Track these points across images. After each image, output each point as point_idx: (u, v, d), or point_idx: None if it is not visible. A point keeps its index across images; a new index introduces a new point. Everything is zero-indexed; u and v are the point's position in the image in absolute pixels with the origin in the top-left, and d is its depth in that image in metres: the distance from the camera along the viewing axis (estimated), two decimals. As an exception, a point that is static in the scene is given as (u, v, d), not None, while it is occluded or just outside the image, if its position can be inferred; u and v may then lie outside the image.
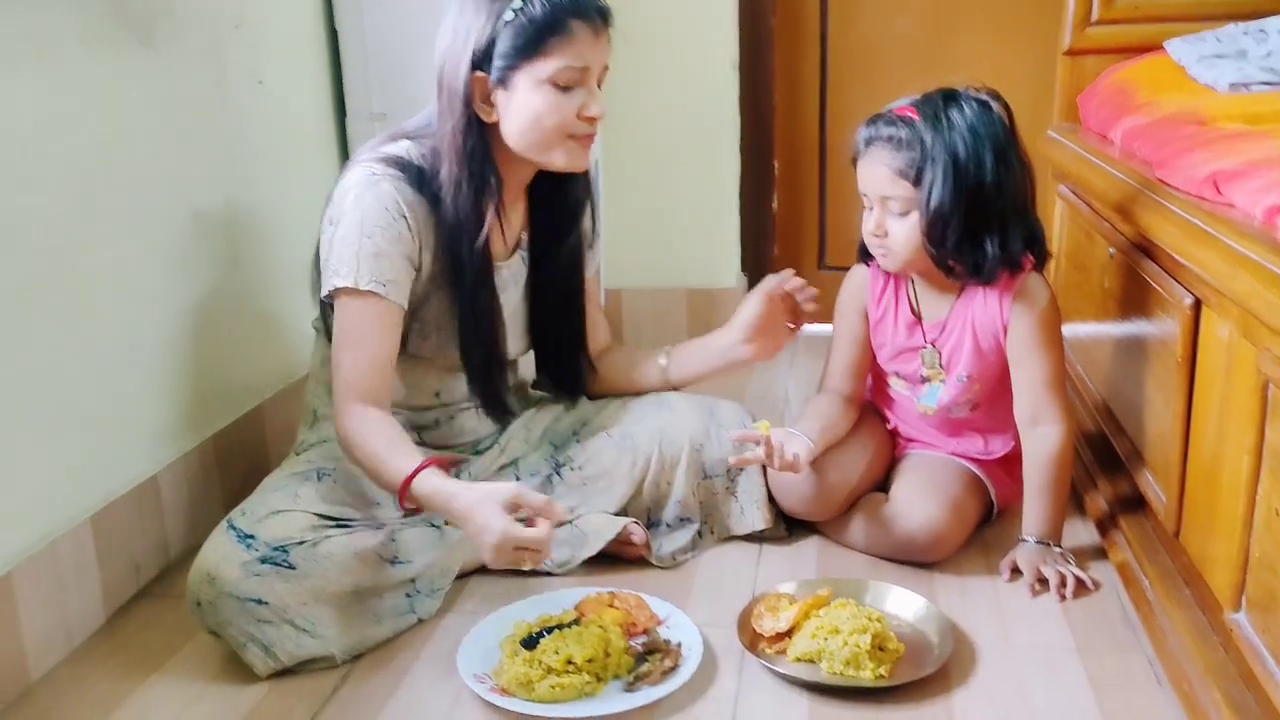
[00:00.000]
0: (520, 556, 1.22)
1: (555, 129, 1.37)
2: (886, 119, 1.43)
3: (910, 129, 1.39)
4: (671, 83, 2.40)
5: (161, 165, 1.53)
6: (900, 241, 1.43)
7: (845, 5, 2.48)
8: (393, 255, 1.36)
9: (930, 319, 1.52)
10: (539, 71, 1.34)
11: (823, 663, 1.24)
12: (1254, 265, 1.05)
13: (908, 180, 1.39)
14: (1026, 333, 1.44)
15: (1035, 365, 1.44)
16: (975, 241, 1.40)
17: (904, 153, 1.39)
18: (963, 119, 1.38)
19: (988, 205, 1.39)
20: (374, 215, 1.35)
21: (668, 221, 2.48)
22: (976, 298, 1.47)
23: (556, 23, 1.33)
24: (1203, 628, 1.18)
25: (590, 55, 1.36)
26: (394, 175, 1.37)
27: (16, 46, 1.27)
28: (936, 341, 1.51)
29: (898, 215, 1.42)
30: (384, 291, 1.35)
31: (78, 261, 1.38)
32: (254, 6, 1.75)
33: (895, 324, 1.54)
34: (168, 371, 1.56)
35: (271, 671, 1.27)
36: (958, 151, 1.37)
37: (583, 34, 1.35)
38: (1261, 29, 1.88)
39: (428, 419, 1.53)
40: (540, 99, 1.35)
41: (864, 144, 1.44)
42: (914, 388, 1.56)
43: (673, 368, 1.62)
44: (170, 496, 1.55)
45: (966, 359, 1.49)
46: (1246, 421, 1.08)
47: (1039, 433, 1.45)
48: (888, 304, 1.55)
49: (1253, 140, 1.38)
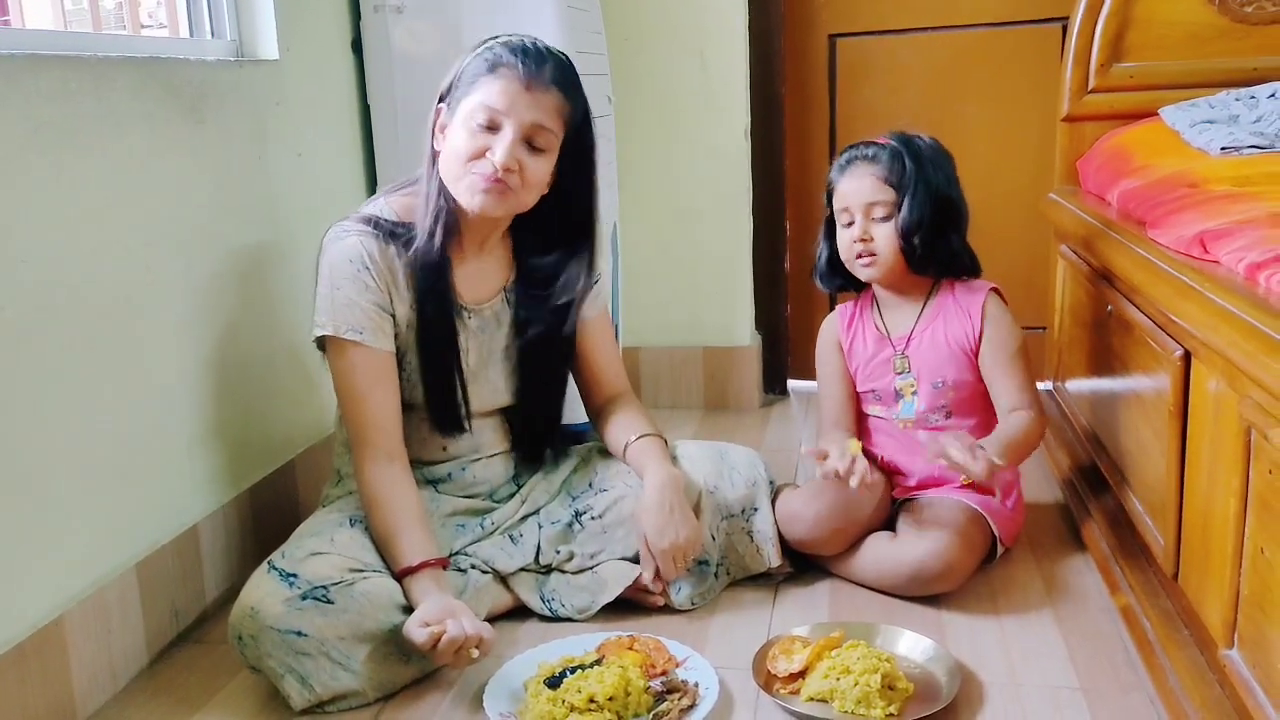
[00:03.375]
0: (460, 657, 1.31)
1: (463, 161, 1.43)
2: (862, 144, 1.65)
3: (885, 148, 1.62)
4: (687, 150, 2.50)
5: (210, 232, 1.63)
6: (884, 246, 1.62)
7: (852, 75, 2.58)
8: (362, 304, 1.45)
9: (896, 333, 1.69)
10: (467, 106, 1.43)
11: (835, 701, 1.28)
12: (1235, 319, 1.12)
13: (891, 185, 1.60)
14: (999, 341, 1.62)
15: (1011, 372, 1.62)
16: (943, 240, 1.61)
17: (884, 163, 1.61)
18: (923, 147, 1.62)
19: (952, 211, 1.62)
20: (340, 267, 1.46)
21: (684, 282, 2.57)
22: (945, 308, 1.65)
23: (493, 65, 1.43)
24: (1200, 666, 1.23)
25: (513, 104, 1.41)
26: (360, 230, 1.47)
27: (88, 128, 1.38)
28: (905, 350, 1.67)
29: (880, 220, 1.61)
30: (362, 339, 1.45)
31: (134, 324, 1.47)
32: (293, 86, 1.87)
33: (865, 342, 1.71)
34: (209, 427, 1.64)
35: (307, 704, 1.33)
36: (928, 163, 1.59)
37: (511, 82, 1.41)
38: (1252, 96, 1.96)
39: (440, 473, 1.60)
40: (462, 131, 1.43)
41: (844, 164, 1.65)
42: (890, 407, 1.69)
43: (629, 453, 1.61)
44: (209, 546, 1.62)
45: (938, 364, 1.64)
46: (1233, 466, 1.14)
47: (1024, 413, 1.59)
48: (856, 328, 1.73)
49: (1241, 201, 1.45)
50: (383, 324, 1.47)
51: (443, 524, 1.55)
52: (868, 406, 1.72)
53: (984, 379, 1.64)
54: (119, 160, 1.44)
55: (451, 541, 1.54)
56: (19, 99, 1.27)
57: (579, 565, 1.58)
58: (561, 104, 1.45)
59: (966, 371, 1.64)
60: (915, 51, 2.54)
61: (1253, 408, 1.08)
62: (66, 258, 1.35)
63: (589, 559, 1.58)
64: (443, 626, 1.29)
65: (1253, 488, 1.10)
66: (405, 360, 1.52)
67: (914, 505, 1.64)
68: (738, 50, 2.45)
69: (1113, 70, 2.17)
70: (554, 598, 1.55)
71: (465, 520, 1.58)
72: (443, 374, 1.53)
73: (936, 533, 1.53)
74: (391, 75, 2.04)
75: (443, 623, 1.29)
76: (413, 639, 1.30)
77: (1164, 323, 1.39)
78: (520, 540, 1.58)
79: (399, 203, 1.53)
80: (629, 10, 2.44)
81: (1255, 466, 1.09)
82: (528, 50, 1.44)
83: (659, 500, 1.51)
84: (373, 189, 2.13)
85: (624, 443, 1.61)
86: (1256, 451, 1.09)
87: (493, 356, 1.58)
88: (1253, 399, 1.08)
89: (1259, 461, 1.08)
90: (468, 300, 1.55)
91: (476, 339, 1.56)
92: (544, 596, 1.56)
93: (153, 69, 1.51)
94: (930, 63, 2.53)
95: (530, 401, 1.63)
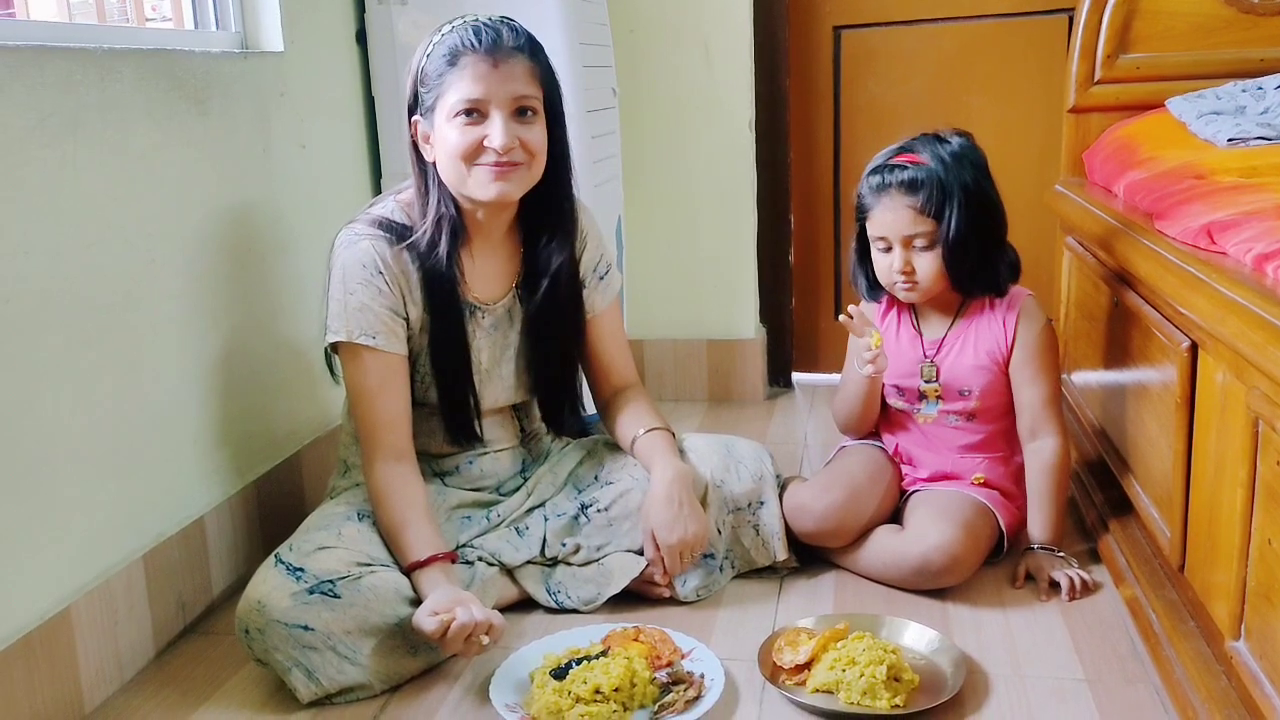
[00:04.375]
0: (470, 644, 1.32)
1: (464, 159, 1.42)
2: (894, 166, 1.56)
3: (921, 170, 1.53)
4: (692, 144, 2.50)
5: (214, 224, 1.63)
6: (927, 275, 1.57)
7: (857, 68, 2.57)
8: (375, 308, 1.45)
9: (929, 335, 1.66)
10: (445, 106, 1.42)
11: (840, 693, 1.28)
12: (1242, 309, 1.11)
13: (929, 216, 1.54)
14: (1031, 353, 1.58)
15: (1037, 384, 1.58)
16: (987, 259, 1.56)
17: (921, 192, 1.53)
18: (958, 154, 1.55)
19: (994, 225, 1.57)
20: (353, 272, 1.45)
21: (689, 275, 2.56)
22: (980, 317, 1.61)
23: (452, 57, 1.41)
24: (1206, 657, 1.23)
25: (487, 87, 1.40)
26: (372, 234, 1.46)
27: (92, 120, 1.38)
28: (935, 357, 1.64)
29: (921, 250, 1.56)
30: (376, 343, 1.44)
31: (137, 316, 1.47)
32: (297, 78, 1.86)
33: (898, 338, 1.68)
34: (214, 419, 1.64)
35: (314, 697, 1.34)
36: (967, 182, 1.53)
37: (477, 67, 1.40)
38: (1259, 86, 1.95)
39: (448, 465, 1.60)
40: (450, 132, 1.42)
41: (876, 191, 1.57)
42: (913, 404, 1.68)
43: (637, 447, 1.61)
44: (215, 538, 1.63)
45: (965, 373, 1.61)
46: (1240, 457, 1.13)
47: (1038, 445, 1.58)
48: (891, 321, 1.70)
49: (1248, 192, 1.45)
50: (396, 328, 1.47)
51: (449, 517, 1.55)
52: (890, 399, 1.70)
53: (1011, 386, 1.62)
54: (123, 152, 1.44)
55: (458, 534, 1.54)
56: (23, 90, 1.27)
57: (585, 558, 1.58)
58: (531, 66, 1.44)
59: (995, 381, 1.62)
60: (920, 43, 2.53)
61: (1260, 399, 1.08)
62: (71, 250, 1.35)
63: (595, 551, 1.58)
64: (452, 614, 1.29)
65: (1260, 479, 1.09)
66: (418, 362, 1.52)
67: (921, 498, 1.64)
68: (742, 42, 2.44)
69: (1119, 61, 2.16)
70: (560, 590, 1.56)
71: (471, 513, 1.58)
72: (455, 378, 1.53)
73: (943, 526, 1.53)
74: (395, 67, 2.04)
75: (452, 611, 1.30)
76: (422, 628, 1.30)
77: (1171, 314, 1.38)
78: (526, 533, 1.58)
79: (408, 202, 1.52)
80: (633, 2, 2.44)
81: (1263, 458, 1.09)
82: (478, 29, 1.42)
83: (668, 495, 1.51)
84: (377, 180, 2.13)
85: (632, 436, 1.61)
86: (1264, 443, 1.08)
87: (505, 354, 1.58)
88: (1260, 390, 1.08)
89: (1266, 453, 1.08)
90: (480, 298, 1.55)
91: (490, 337, 1.56)
92: (550, 589, 1.56)
93: (157, 61, 1.51)
94: (935, 55, 2.52)
95: (545, 394, 1.64)
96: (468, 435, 1.57)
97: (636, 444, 1.60)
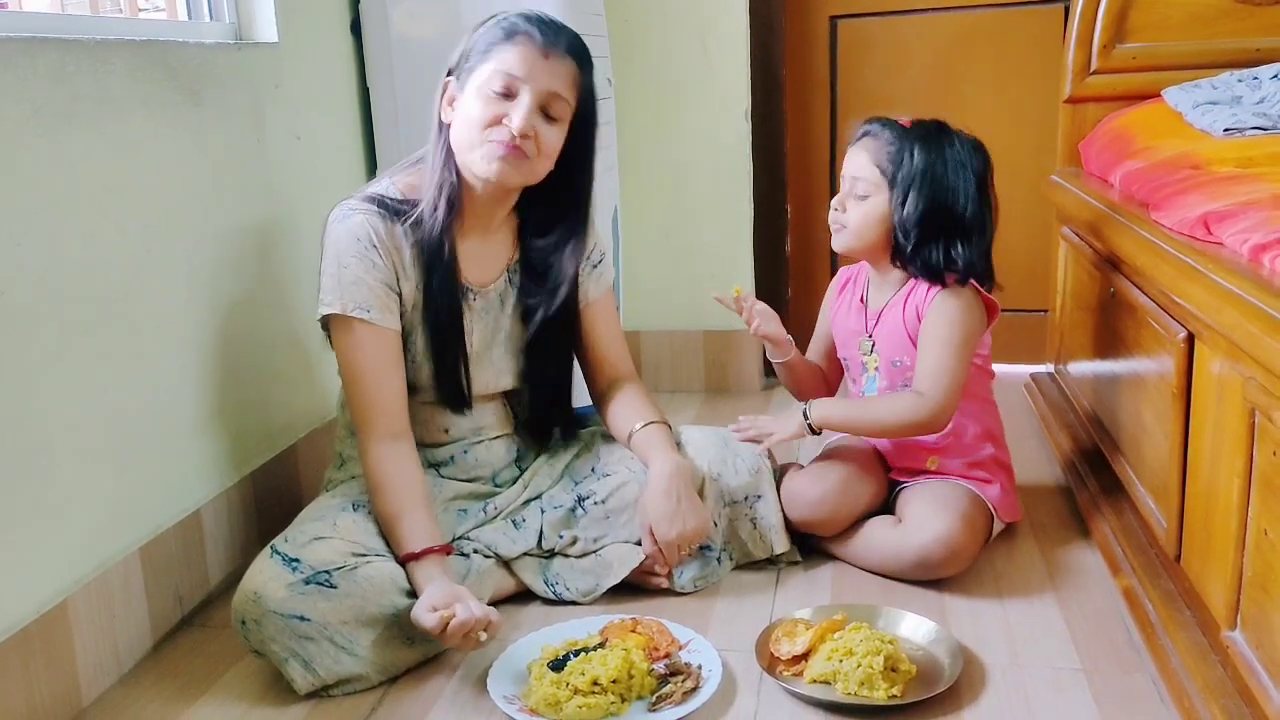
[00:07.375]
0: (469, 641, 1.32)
1: (479, 128, 1.43)
2: (885, 120, 1.61)
3: (901, 135, 1.57)
4: (688, 133, 2.49)
5: (209, 215, 1.63)
6: (856, 224, 1.61)
7: (853, 57, 2.57)
8: (369, 282, 1.45)
9: (873, 307, 1.68)
10: (481, 74, 1.43)
11: (838, 683, 1.29)
12: (1239, 300, 1.11)
13: (880, 171, 1.58)
14: (934, 320, 1.57)
15: (930, 353, 1.56)
16: (932, 246, 1.57)
17: (885, 149, 1.58)
18: (952, 148, 1.56)
19: (952, 223, 1.56)
20: (346, 245, 1.45)
21: (685, 265, 2.56)
22: (915, 291, 1.61)
23: (510, 32, 1.43)
24: (1202, 647, 1.23)
25: (530, 70, 1.41)
26: (366, 209, 1.47)
27: (86, 111, 1.38)
28: (873, 330, 1.66)
29: (858, 198, 1.60)
30: (370, 317, 1.44)
31: (133, 308, 1.46)
32: (292, 68, 1.86)
33: (847, 310, 1.73)
34: (211, 411, 1.64)
35: (311, 688, 1.34)
36: (936, 170, 1.55)
37: (528, 49, 1.42)
38: (1255, 77, 1.95)
39: (442, 455, 1.60)
40: (476, 99, 1.43)
41: (858, 134, 1.63)
42: (857, 380, 1.71)
43: (634, 440, 1.61)
44: (212, 530, 1.63)
45: (896, 345, 1.63)
46: (1236, 447, 1.14)
47: (912, 394, 1.55)
48: (846, 294, 1.75)
49: (1244, 182, 1.45)
50: (389, 302, 1.47)
51: (445, 509, 1.55)
52: (848, 376, 1.75)
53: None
54: (117, 143, 1.43)
55: (454, 527, 1.54)
56: (16, 81, 1.26)
57: (582, 549, 1.58)
58: (576, 74, 1.46)
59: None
60: (917, 33, 2.52)
61: (1256, 389, 1.08)
62: (65, 241, 1.34)
63: (592, 543, 1.58)
64: (451, 611, 1.29)
65: (1256, 469, 1.10)
66: (411, 340, 1.52)
67: (915, 490, 1.64)
68: (738, 32, 2.44)
69: (1115, 51, 2.16)
70: (558, 581, 1.56)
71: (467, 505, 1.58)
72: (448, 353, 1.53)
73: (942, 517, 1.53)
74: (390, 57, 2.03)
75: (451, 607, 1.30)
76: (422, 623, 1.30)
77: (1167, 304, 1.39)
78: (523, 525, 1.58)
79: (404, 181, 1.52)
80: (629, -8, 2.43)
81: (1259, 448, 1.09)
82: (544, 20, 1.45)
83: (666, 490, 1.51)
84: (372, 171, 2.12)
85: (629, 429, 1.61)
86: (1260, 433, 1.09)
87: (496, 338, 1.58)
88: (1256, 380, 1.08)
89: (1263, 443, 1.08)
90: (472, 281, 1.55)
91: (481, 320, 1.56)
92: (548, 580, 1.56)
93: (151, 51, 1.50)
94: (932, 44, 2.52)
95: (537, 383, 1.63)
96: (460, 398, 1.55)
97: (634, 438, 1.60)
